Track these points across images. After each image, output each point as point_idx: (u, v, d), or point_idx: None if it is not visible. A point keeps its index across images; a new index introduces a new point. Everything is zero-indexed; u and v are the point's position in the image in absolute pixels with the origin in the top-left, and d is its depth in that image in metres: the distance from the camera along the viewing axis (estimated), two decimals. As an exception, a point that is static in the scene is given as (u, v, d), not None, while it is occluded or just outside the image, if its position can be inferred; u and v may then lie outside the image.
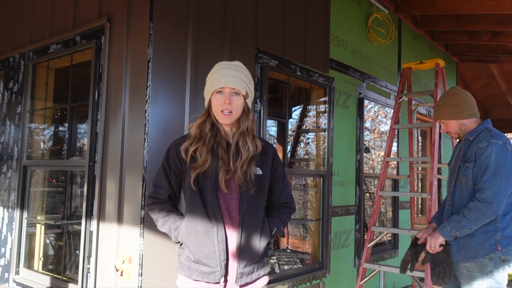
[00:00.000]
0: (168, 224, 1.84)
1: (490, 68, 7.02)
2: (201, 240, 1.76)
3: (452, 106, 2.57)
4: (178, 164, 1.85)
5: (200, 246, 1.76)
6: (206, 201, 1.78)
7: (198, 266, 1.77)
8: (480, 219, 2.31)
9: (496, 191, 2.29)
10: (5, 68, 3.58)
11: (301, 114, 5.39)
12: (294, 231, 5.80)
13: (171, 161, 1.86)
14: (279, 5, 3.38)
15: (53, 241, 3.81)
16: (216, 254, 1.75)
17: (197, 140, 1.82)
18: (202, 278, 1.77)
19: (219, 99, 1.81)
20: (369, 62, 4.55)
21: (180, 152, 1.83)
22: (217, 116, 1.83)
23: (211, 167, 1.79)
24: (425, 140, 6.21)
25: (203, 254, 1.76)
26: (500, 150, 2.35)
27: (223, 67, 1.85)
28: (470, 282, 2.39)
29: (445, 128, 2.64)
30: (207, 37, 2.74)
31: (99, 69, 2.65)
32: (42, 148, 3.54)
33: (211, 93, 1.84)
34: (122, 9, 2.58)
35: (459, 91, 2.63)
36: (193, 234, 1.77)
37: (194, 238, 1.77)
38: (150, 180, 2.34)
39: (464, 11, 4.63)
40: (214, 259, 1.75)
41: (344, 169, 4.07)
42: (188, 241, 1.79)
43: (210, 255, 1.75)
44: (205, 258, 1.76)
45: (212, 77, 1.85)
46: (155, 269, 2.38)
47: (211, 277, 1.76)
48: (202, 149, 1.79)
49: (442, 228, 2.44)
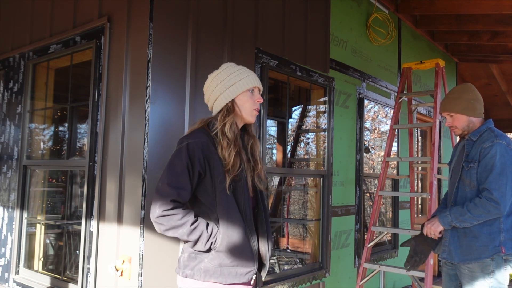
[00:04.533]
0: (199, 231, 1.71)
1: (490, 68, 7.01)
2: (241, 244, 1.77)
3: (467, 101, 2.51)
4: (203, 165, 1.74)
5: (241, 250, 1.77)
6: (240, 206, 1.79)
7: (236, 269, 1.77)
8: (484, 216, 2.32)
9: (502, 192, 2.29)
10: (5, 68, 3.58)
11: (301, 114, 5.39)
12: (294, 231, 5.80)
13: (195, 160, 1.72)
14: (279, 5, 3.38)
15: (53, 241, 3.81)
16: (253, 255, 1.80)
17: (233, 143, 1.78)
18: (238, 279, 1.78)
19: (251, 97, 1.85)
20: (369, 62, 4.55)
21: (208, 152, 1.75)
22: (247, 114, 1.86)
23: (242, 171, 1.80)
24: (425, 140, 6.21)
25: (243, 256, 1.78)
26: (505, 150, 2.34)
27: (243, 68, 1.89)
28: (472, 282, 2.38)
29: (451, 122, 2.55)
30: (207, 37, 2.74)
31: (99, 69, 2.65)
32: (42, 148, 3.54)
33: (241, 91, 1.84)
34: (122, 9, 2.58)
35: (473, 88, 2.58)
36: (234, 239, 1.75)
37: (235, 243, 1.76)
38: (150, 180, 2.34)
39: (464, 11, 4.63)
40: (252, 260, 1.80)
41: (344, 169, 4.07)
42: (228, 246, 1.75)
43: (248, 256, 1.79)
44: (245, 260, 1.78)
45: (241, 75, 1.85)
46: (155, 269, 2.38)
47: (247, 277, 1.80)
48: (232, 152, 1.77)
49: (443, 217, 2.43)
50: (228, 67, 1.89)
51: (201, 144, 1.75)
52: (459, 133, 2.56)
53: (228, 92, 1.84)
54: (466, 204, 2.36)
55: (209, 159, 1.75)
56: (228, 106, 1.84)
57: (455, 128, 2.56)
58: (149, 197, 2.35)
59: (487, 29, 5.21)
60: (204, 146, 1.75)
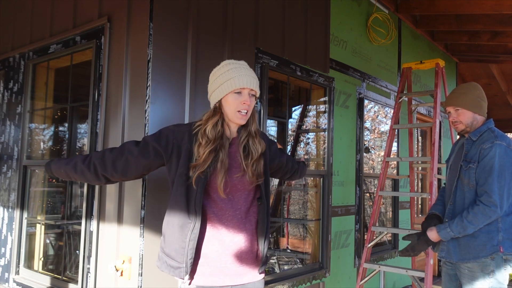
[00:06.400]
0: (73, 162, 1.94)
1: (490, 68, 7.01)
2: (175, 236, 1.85)
3: (474, 97, 2.50)
4: (170, 148, 1.82)
5: (172, 242, 1.87)
6: (191, 200, 1.83)
7: (168, 260, 1.88)
8: (485, 222, 2.32)
9: (501, 194, 2.29)
10: (5, 68, 3.58)
11: (301, 114, 5.39)
12: (294, 231, 5.80)
13: (163, 140, 1.82)
14: (279, 5, 3.38)
15: (53, 241, 3.81)
16: (184, 252, 1.83)
17: (212, 142, 1.79)
18: (168, 271, 1.87)
19: (236, 99, 1.81)
20: (369, 62, 4.55)
21: (182, 141, 1.81)
22: (231, 116, 1.83)
23: (209, 168, 1.79)
24: (425, 140, 6.21)
25: (173, 249, 1.86)
26: (504, 151, 2.33)
27: (237, 66, 1.84)
28: (472, 282, 2.38)
29: (456, 117, 2.51)
30: (207, 37, 2.74)
31: (99, 69, 2.65)
32: (42, 148, 3.54)
33: (226, 93, 1.81)
34: (122, 9, 2.58)
35: (480, 87, 2.58)
36: (170, 227, 1.87)
37: (169, 232, 1.88)
38: (150, 180, 2.34)
39: (464, 11, 4.63)
40: (182, 257, 1.81)
41: (344, 169, 4.07)
42: (165, 233, 1.89)
43: (179, 251, 1.80)
44: (175, 254, 1.84)
45: (228, 76, 1.81)
46: (155, 269, 2.37)
47: (178, 272, 1.85)
48: (207, 150, 1.78)
49: (444, 233, 2.41)
50: (224, 65, 1.87)
51: (183, 133, 1.84)
52: (462, 128, 2.52)
53: (217, 92, 1.84)
54: (465, 215, 2.33)
55: (179, 146, 1.81)
56: (215, 106, 1.85)
57: (459, 123, 2.52)
58: (149, 197, 2.35)
59: (487, 29, 5.21)
60: (176, 133, 1.83)
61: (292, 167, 2.32)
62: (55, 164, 1.97)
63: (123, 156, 1.84)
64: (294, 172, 2.35)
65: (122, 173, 1.86)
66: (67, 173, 1.92)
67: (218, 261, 1.81)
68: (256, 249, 1.90)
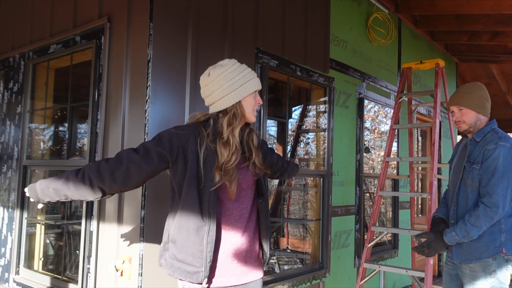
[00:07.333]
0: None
1: (490, 68, 7.01)
2: (191, 241, 1.83)
3: (479, 97, 2.49)
4: (175, 151, 1.76)
5: (188, 247, 1.84)
6: (204, 203, 1.80)
7: (184, 266, 1.86)
8: (488, 224, 2.32)
9: (503, 195, 2.29)
10: (5, 68, 3.58)
11: (301, 114, 5.39)
12: (294, 231, 5.80)
13: (166, 144, 1.76)
14: (279, 5, 3.38)
15: (53, 241, 3.81)
16: (203, 256, 1.82)
17: (240, 147, 1.82)
18: (184, 277, 1.83)
19: (254, 99, 1.88)
20: (369, 62, 4.55)
21: (187, 143, 1.77)
22: (249, 115, 1.88)
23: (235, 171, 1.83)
24: (425, 140, 6.21)
25: (189, 254, 1.84)
26: (508, 152, 2.33)
27: (246, 67, 1.90)
28: (473, 282, 2.38)
29: (460, 117, 2.50)
30: (207, 37, 2.74)
31: (99, 69, 2.65)
32: (42, 148, 3.54)
33: (249, 93, 1.85)
34: (122, 9, 2.58)
35: (484, 87, 2.57)
36: (183, 232, 1.84)
37: (184, 237, 1.85)
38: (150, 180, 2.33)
39: (464, 11, 4.63)
40: (200, 261, 1.79)
41: (344, 169, 4.07)
42: (178, 238, 1.87)
43: (196, 255, 1.78)
44: (192, 258, 1.82)
45: (249, 76, 1.86)
46: (155, 269, 2.37)
47: (195, 277, 1.82)
48: (236, 155, 1.80)
49: (449, 237, 2.40)
50: (236, 68, 1.86)
51: (179, 134, 1.79)
52: (465, 128, 2.50)
53: (237, 92, 1.82)
54: (468, 218, 2.33)
55: (185, 149, 1.77)
56: (235, 108, 1.83)
57: (462, 123, 2.50)
58: (149, 197, 2.35)
59: (487, 29, 5.21)
60: (180, 136, 1.78)
61: (282, 166, 2.36)
62: (41, 184, 1.80)
63: (122, 166, 1.72)
64: (284, 171, 2.39)
65: (123, 183, 1.74)
66: (57, 192, 1.76)
67: (226, 261, 1.81)
68: (257, 247, 1.91)
